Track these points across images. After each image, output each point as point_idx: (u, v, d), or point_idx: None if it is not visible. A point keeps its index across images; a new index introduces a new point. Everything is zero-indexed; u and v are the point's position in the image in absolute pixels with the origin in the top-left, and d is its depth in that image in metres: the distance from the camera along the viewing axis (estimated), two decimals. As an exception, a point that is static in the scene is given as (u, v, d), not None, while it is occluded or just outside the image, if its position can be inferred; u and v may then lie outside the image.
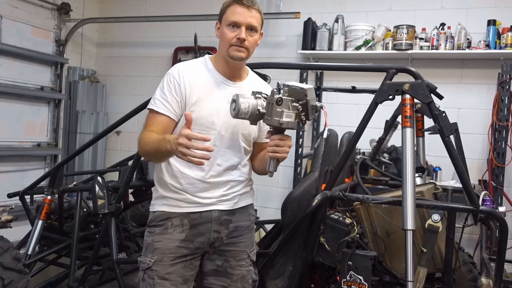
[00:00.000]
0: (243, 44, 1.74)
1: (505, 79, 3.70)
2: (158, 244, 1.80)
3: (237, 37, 1.73)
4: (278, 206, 2.65)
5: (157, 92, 1.80)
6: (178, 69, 1.80)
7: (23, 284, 2.42)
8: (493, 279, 2.39)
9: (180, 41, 5.01)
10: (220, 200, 1.83)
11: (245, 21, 1.73)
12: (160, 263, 1.77)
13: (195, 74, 1.80)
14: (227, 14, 1.76)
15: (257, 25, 1.78)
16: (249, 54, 1.79)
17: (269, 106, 1.61)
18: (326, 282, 2.57)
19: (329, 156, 2.54)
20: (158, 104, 1.77)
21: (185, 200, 1.81)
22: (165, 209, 1.83)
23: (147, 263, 1.78)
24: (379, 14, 4.37)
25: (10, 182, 4.45)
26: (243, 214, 1.92)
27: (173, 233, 1.79)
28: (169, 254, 1.78)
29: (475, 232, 3.78)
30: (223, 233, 1.84)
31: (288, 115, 1.60)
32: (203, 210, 1.81)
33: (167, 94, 1.76)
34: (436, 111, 2.07)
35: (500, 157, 3.73)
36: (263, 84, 1.98)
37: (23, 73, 4.67)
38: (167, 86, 1.77)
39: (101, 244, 2.74)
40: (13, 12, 4.55)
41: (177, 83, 1.76)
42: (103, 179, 2.81)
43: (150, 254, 1.80)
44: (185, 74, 1.78)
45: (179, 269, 1.79)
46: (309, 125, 4.60)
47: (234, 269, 1.87)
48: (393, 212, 2.29)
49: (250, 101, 1.62)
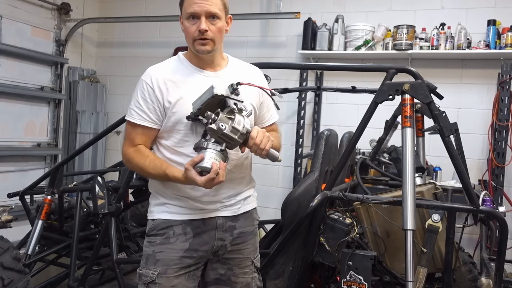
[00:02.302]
0: (205, 35, 1.64)
1: (505, 79, 3.70)
2: (160, 255, 1.69)
3: (198, 29, 1.63)
4: (278, 206, 2.65)
5: (132, 102, 1.71)
6: (149, 73, 1.71)
7: (23, 284, 2.43)
8: (493, 279, 2.39)
9: (180, 41, 5.02)
10: (223, 206, 1.75)
11: (203, 10, 1.63)
12: (164, 276, 1.67)
13: (169, 74, 1.70)
14: (185, 6, 1.67)
15: (218, 11, 1.66)
16: (216, 44, 1.68)
17: (221, 138, 1.52)
18: (326, 282, 2.58)
19: (329, 156, 2.54)
20: (134, 114, 1.69)
21: (187, 206, 1.71)
22: (165, 217, 1.72)
23: (150, 276, 1.67)
24: (379, 14, 4.37)
25: (10, 182, 4.45)
26: (247, 220, 1.83)
27: (176, 243, 1.69)
28: (173, 266, 1.67)
29: (475, 232, 3.78)
30: (227, 240, 1.76)
31: (238, 122, 1.52)
32: (206, 217, 1.72)
33: (142, 103, 1.68)
34: (436, 111, 2.07)
35: (500, 157, 3.73)
36: (248, 67, 1.87)
37: (23, 73, 4.67)
38: (141, 93, 1.69)
39: (101, 244, 2.74)
40: (13, 12, 4.55)
41: (151, 88, 1.67)
42: (103, 179, 2.81)
43: (152, 266, 1.68)
44: (158, 76, 1.68)
45: (183, 281, 1.69)
46: (309, 125, 4.61)
47: (237, 277, 1.79)
48: (393, 212, 2.29)
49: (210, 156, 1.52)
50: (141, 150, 1.69)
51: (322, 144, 2.50)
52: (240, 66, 1.84)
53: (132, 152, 1.70)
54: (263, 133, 1.59)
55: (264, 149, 1.58)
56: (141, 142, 1.71)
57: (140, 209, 3.73)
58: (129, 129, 1.72)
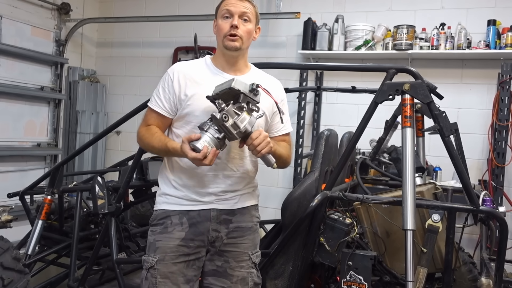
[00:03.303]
0: (236, 31, 1.78)
1: (505, 79, 3.70)
2: (159, 243, 1.83)
3: (230, 25, 1.78)
4: (278, 206, 2.65)
5: (155, 90, 1.90)
6: (174, 68, 1.88)
7: (23, 284, 2.42)
8: (493, 279, 2.39)
9: (180, 41, 5.01)
10: (219, 199, 1.84)
11: (237, 10, 1.80)
12: (163, 262, 1.80)
13: (191, 70, 1.86)
14: (221, 7, 1.84)
15: (250, 15, 1.82)
16: (243, 43, 1.82)
17: (221, 128, 1.61)
18: (326, 282, 2.58)
19: (329, 156, 2.54)
20: (152, 101, 1.88)
21: (184, 197, 1.83)
22: (165, 207, 1.86)
23: (150, 262, 1.82)
24: (379, 14, 4.37)
25: (10, 182, 4.44)
26: (245, 215, 1.91)
27: (173, 232, 1.82)
28: (170, 253, 1.80)
29: (475, 232, 3.78)
30: (222, 232, 1.84)
31: (241, 120, 1.62)
32: (201, 209, 1.83)
33: (161, 91, 1.86)
34: (436, 111, 2.07)
35: (500, 157, 3.73)
36: (268, 80, 1.95)
37: (23, 73, 4.67)
38: (162, 83, 1.87)
39: (101, 244, 2.74)
40: (13, 12, 4.55)
41: (171, 80, 1.84)
42: (103, 179, 2.80)
43: (153, 253, 1.83)
44: (180, 71, 1.85)
45: (181, 268, 1.81)
46: (309, 125, 4.61)
47: (234, 270, 1.86)
48: (393, 212, 2.29)
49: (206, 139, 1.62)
50: (151, 129, 1.86)
51: (322, 144, 2.50)
52: (261, 76, 1.95)
53: (144, 131, 1.87)
54: (264, 137, 1.67)
55: (259, 152, 1.67)
56: (154, 124, 1.87)
57: (140, 209, 3.73)
58: (147, 112, 1.90)
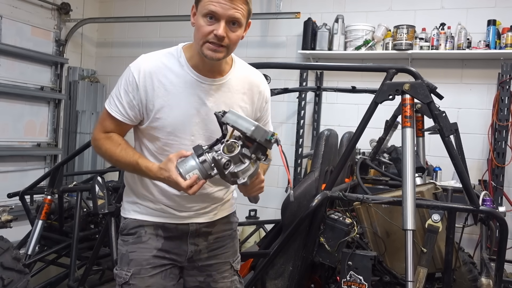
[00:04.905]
0: (221, 42, 1.44)
1: (505, 79, 3.70)
2: (133, 254, 1.60)
3: (214, 32, 1.42)
4: (278, 206, 2.65)
5: (115, 88, 1.57)
6: (139, 65, 1.53)
7: (23, 284, 2.42)
8: (493, 279, 2.39)
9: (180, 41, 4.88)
10: (197, 214, 1.64)
11: (226, 13, 1.41)
12: (138, 276, 1.58)
13: (160, 72, 1.51)
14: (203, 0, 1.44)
15: (242, 18, 1.45)
16: (228, 53, 1.50)
17: (218, 169, 1.37)
18: (326, 282, 2.58)
19: (329, 156, 2.54)
20: (111, 104, 1.55)
21: (159, 210, 1.61)
22: (136, 217, 1.63)
23: (123, 277, 1.59)
24: (379, 14, 4.37)
25: (10, 182, 4.44)
26: (225, 224, 1.75)
27: (148, 242, 1.61)
28: (146, 266, 1.59)
29: (475, 232, 3.78)
30: (201, 245, 1.67)
31: (244, 171, 1.36)
32: (179, 223, 1.63)
33: (123, 95, 1.52)
34: (436, 111, 2.07)
35: (500, 157, 3.73)
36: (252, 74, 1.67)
37: (23, 73, 4.67)
38: (125, 84, 1.53)
39: (101, 244, 2.74)
40: (13, 12, 4.54)
41: (136, 85, 1.50)
42: (103, 179, 2.81)
43: (126, 266, 1.60)
44: (147, 73, 1.50)
45: (159, 280, 1.60)
46: (309, 125, 4.61)
47: (217, 282, 1.72)
48: (393, 212, 2.29)
49: (194, 169, 1.37)
50: (113, 138, 1.56)
51: (322, 144, 2.50)
52: (242, 74, 1.64)
53: (103, 139, 1.56)
54: (259, 182, 1.47)
55: (248, 194, 1.50)
56: (114, 131, 1.58)
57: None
58: (105, 115, 1.58)
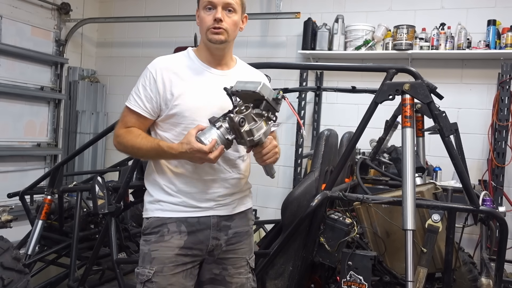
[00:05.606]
0: (220, 24, 1.65)
1: (505, 79, 3.70)
2: (155, 253, 1.68)
3: (213, 18, 1.65)
4: (278, 206, 2.65)
5: (134, 87, 1.74)
6: (156, 63, 1.72)
7: (23, 284, 2.43)
8: (493, 279, 2.39)
9: (180, 41, 5.00)
10: (218, 205, 1.74)
11: (220, 0, 1.66)
12: (161, 274, 1.66)
13: (175, 67, 1.71)
14: None
15: (235, 4, 1.68)
16: (229, 36, 1.69)
17: (235, 130, 1.52)
18: (326, 282, 2.58)
19: (329, 156, 2.54)
20: (131, 100, 1.71)
21: (181, 204, 1.70)
22: (159, 215, 1.71)
23: (146, 274, 1.67)
24: (379, 14, 4.37)
25: (10, 182, 4.44)
26: (242, 219, 1.83)
27: (170, 240, 1.68)
28: (169, 264, 1.67)
29: (475, 232, 3.78)
30: (222, 240, 1.75)
31: (258, 128, 1.53)
32: (201, 216, 1.71)
33: (141, 90, 1.70)
34: (436, 111, 2.07)
35: (500, 157, 3.73)
36: (254, 72, 1.89)
37: (23, 73, 4.67)
38: (143, 81, 1.71)
39: (101, 244, 2.74)
40: (13, 12, 4.54)
41: (153, 79, 1.68)
42: (103, 179, 2.80)
43: (149, 265, 1.68)
44: (163, 68, 1.70)
45: (180, 279, 1.68)
46: (309, 125, 4.61)
47: (232, 277, 1.78)
48: (393, 212, 2.29)
49: (213, 134, 1.52)
50: (133, 130, 1.69)
51: (322, 144, 2.50)
52: (247, 70, 1.87)
53: (124, 133, 1.70)
54: (273, 147, 1.62)
55: (264, 161, 1.63)
56: (134, 126, 1.71)
57: (140, 209, 3.71)
58: (125, 113, 1.73)
